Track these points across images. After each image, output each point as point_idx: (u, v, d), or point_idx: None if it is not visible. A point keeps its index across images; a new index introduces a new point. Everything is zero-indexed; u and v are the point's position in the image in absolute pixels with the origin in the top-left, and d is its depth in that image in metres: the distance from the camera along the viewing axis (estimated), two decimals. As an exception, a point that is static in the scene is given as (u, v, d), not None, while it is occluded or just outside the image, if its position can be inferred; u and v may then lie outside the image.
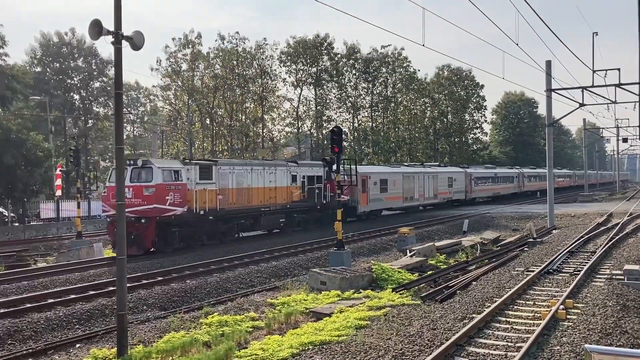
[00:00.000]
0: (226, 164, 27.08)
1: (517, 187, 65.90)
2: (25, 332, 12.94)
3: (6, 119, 38.35)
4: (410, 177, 41.88)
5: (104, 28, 10.66)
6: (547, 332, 11.17)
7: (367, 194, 36.30)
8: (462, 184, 51.18)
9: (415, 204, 43.27)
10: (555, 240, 26.51)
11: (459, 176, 51.07)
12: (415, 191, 42.52)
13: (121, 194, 11.22)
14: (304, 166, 32.42)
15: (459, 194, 50.86)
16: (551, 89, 33.34)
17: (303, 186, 31.37)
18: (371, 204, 36.98)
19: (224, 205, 25.88)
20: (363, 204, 36.13)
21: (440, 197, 46.75)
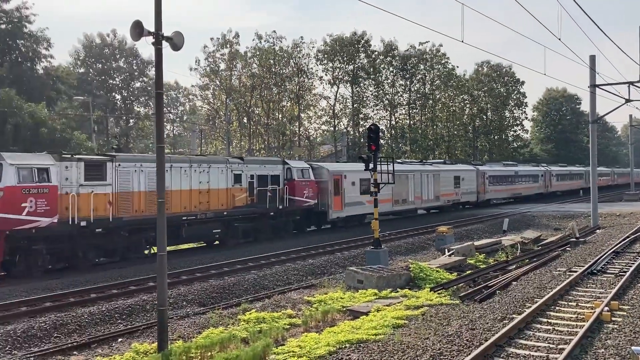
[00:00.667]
0: (129, 160, 21.38)
1: (543, 187, 59.39)
2: (70, 325, 13.31)
3: (51, 119, 39.52)
4: (403, 177, 35.71)
5: (145, 29, 10.85)
6: (591, 334, 10.88)
7: (341, 197, 30.70)
8: (472, 183, 45.04)
9: (409, 207, 37.43)
10: (599, 240, 25.80)
11: (468, 175, 44.86)
12: (410, 193, 36.89)
13: (162, 192, 11.42)
14: (252, 163, 26.91)
15: (469, 195, 44.70)
16: (595, 84, 32.45)
17: (251, 188, 25.95)
18: (348, 209, 31.27)
19: (123, 213, 20.40)
20: (336, 208, 30.44)
21: (444, 200, 40.83)
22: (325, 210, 30.01)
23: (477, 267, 21.09)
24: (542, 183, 59.24)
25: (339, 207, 30.71)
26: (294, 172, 28.23)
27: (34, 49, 46.82)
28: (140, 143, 70.12)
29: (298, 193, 28.26)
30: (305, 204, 28.75)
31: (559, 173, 64.33)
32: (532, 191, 56.76)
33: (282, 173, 27.93)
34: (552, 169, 62.87)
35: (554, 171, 62.81)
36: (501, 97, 78.04)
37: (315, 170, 30.09)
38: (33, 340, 12.42)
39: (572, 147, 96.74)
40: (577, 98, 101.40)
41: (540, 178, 59.07)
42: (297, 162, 31.05)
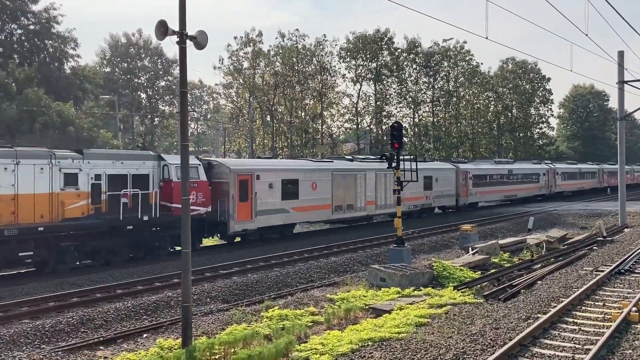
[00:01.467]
0: None
1: (546, 187, 52.62)
2: (96, 321, 13.54)
3: (78, 118, 40.20)
4: (350, 177, 29.54)
5: (169, 28, 10.96)
6: (618, 334, 10.71)
7: (251, 203, 24.09)
8: (450, 185, 38.23)
9: (357, 214, 30.43)
10: (627, 239, 25.34)
11: (444, 174, 37.80)
12: (360, 196, 30.09)
13: (186, 191, 11.55)
14: (99, 159, 20.00)
15: (446, 198, 38.12)
16: (624, 80, 31.94)
17: (96, 192, 19.50)
18: (262, 219, 24.72)
19: None
20: (242, 218, 23.73)
21: (408, 205, 33.53)
22: (225, 220, 23.31)
23: (501, 265, 20.90)
24: (544, 183, 52.36)
25: (247, 216, 23.92)
26: (173, 170, 21.35)
27: (61, 49, 47.68)
28: (165, 141, 70.94)
29: (178, 198, 19.95)
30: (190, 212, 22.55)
31: (566, 171, 57.72)
32: (531, 192, 50.19)
33: (153, 172, 21.28)
34: (557, 166, 56.65)
35: (560, 169, 56.27)
36: (526, 94, 76.99)
37: (212, 168, 24.01)
38: (61, 335, 12.67)
39: (600, 144, 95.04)
40: (605, 95, 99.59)
41: (542, 177, 52.20)
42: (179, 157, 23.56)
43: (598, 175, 65.22)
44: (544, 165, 53.81)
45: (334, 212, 28.71)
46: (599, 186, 64.94)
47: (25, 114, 36.34)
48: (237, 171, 23.95)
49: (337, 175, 28.94)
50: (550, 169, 54.06)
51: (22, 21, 46.12)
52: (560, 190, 55.73)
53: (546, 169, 53.29)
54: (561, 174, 56.18)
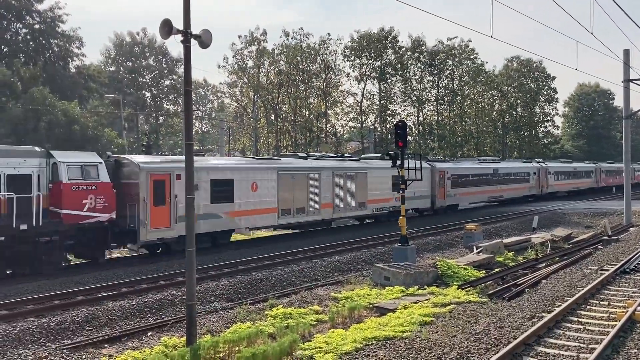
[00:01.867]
0: None
1: (537, 187, 49.85)
2: (101, 319, 13.60)
3: (83, 117, 40.32)
4: (301, 176, 26.43)
5: (174, 27, 10.98)
6: (623, 334, 10.68)
7: (169, 208, 20.87)
8: (424, 185, 33.72)
9: (310, 219, 27.25)
10: (632, 238, 25.25)
11: None
12: (314, 198, 27.03)
13: (191, 189, 11.57)
14: None
15: (419, 200, 34.68)
16: (629, 79, 31.81)
17: None
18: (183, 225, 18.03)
19: None
20: (157, 225, 20.48)
21: (373, 207, 30.73)
22: (135, 228, 20.01)
23: (505, 264, 20.87)
24: (534, 182, 49.52)
25: (164, 222, 20.72)
26: (63, 169, 18.41)
27: (66, 48, 47.84)
28: (170, 140, 71.11)
29: (69, 203, 18.37)
30: (85, 219, 18.80)
31: (559, 170, 54.74)
32: (519, 193, 47.30)
33: (39, 171, 18.14)
34: (550, 165, 53.57)
35: (552, 168, 53.23)
36: (531, 92, 76.78)
37: (121, 167, 20.93)
38: (66, 333, 12.73)
39: (605, 143, 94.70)
40: (610, 93, 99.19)
41: (533, 176, 49.31)
42: (75, 154, 20.20)
43: (595, 175, 62.80)
44: (534, 164, 50.78)
45: (280, 217, 25.36)
46: (596, 186, 62.91)
47: (31, 113, 36.47)
48: (150, 170, 20.49)
49: (285, 174, 25.74)
50: (542, 167, 51.10)
51: (28, 20, 46.29)
52: (553, 191, 53.15)
53: (537, 168, 50.32)
54: (554, 173, 53.26)
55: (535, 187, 49.91)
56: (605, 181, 64.62)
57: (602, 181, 64.29)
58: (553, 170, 53.25)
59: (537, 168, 50.50)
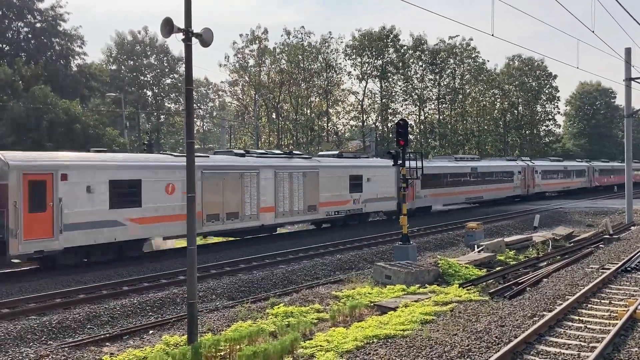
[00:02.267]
0: None
1: (521, 187, 47.72)
2: (102, 317, 13.62)
3: (85, 116, 40.31)
4: (233, 176, 23.25)
5: (175, 26, 10.98)
6: (624, 332, 10.68)
7: (51, 214, 17.63)
8: (389, 186, 32.09)
9: (245, 225, 23.84)
10: (633, 237, 25.23)
11: (381, 173, 31.51)
12: (250, 202, 23.82)
13: (192, 188, 11.57)
14: None
15: (383, 202, 31.92)
16: (631, 77, 31.78)
17: None
18: (71, 235, 18.02)
19: None
20: (33, 235, 17.11)
21: (326, 211, 27.85)
22: (3, 239, 16.72)
23: (506, 263, 20.87)
24: (519, 182, 47.51)
25: (44, 232, 17.38)
26: None
27: (67, 47, 47.84)
28: (171, 139, 71.13)
29: None
30: None
31: (548, 169, 52.84)
32: (502, 193, 45.18)
33: None
34: (537, 163, 51.43)
35: (539, 167, 51.20)
36: (533, 91, 76.73)
37: None
38: (67, 331, 12.74)
39: (606, 142, 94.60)
40: (612, 92, 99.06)
41: (517, 176, 47.29)
42: None
43: (587, 174, 61.15)
44: (519, 162, 48.63)
45: (205, 223, 22.06)
46: (589, 186, 61.16)
47: (32, 112, 36.47)
48: (24, 168, 17.19)
49: (211, 174, 22.23)
50: (528, 166, 48.77)
51: (29, 19, 46.30)
52: (541, 191, 51.11)
53: (522, 167, 48.06)
54: (541, 172, 51.01)
55: (521, 187, 47.70)
56: (598, 180, 63.17)
57: (595, 181, 62.78)
58: (540, 169, 51.09)
59: (523, 167, 48.18)
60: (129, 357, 10.83)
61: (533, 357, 9.52)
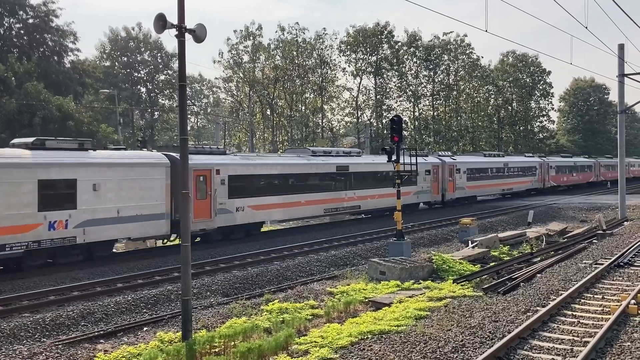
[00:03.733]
0: None
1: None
2: (96, 314, 13.59)
3: (78, 112, 40.15)
4: None
5: (168, 22, 10.94)
6: (617, 327, 10.74)
7: None
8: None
9: None
10: (626, 232, 25.37)
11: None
12: None
13: (185, 185, 11.56)
14: None
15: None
16: (624, 74, 31.87)
17: None
18: None
19: None
20: None
21: None
22: None
23: (500, 259, 20.92)
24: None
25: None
26: None
27: (60, 42, 47.60)
28: (165, 135, 70.90)
29: None
30: None
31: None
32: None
33: None
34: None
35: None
36: (527, 87, 76.88)
37: None
38: (61, 328, 12.71)
39: (600, 138, 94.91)
40: (605, 88, 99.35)
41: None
42: None
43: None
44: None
45: None
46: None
47: (25, 108, 36.31)
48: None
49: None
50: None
51: (21, 15, 46.01)
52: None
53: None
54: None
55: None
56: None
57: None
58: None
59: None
60: (123, 354, 10.81)
61: (527, 352, 9.57)
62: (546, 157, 54.03)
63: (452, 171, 38.73)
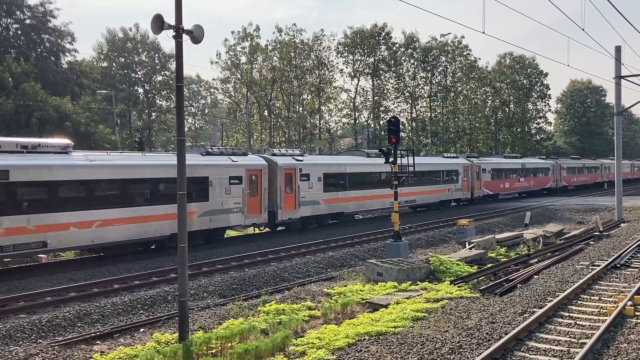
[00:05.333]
0: None
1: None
2: (93, 315, 13.55)
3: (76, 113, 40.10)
4: None
5: (166, 22, 10.93)
6: (614, 328, 10.75)
7: None
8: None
9: None
10: (623, 233, 25.41)
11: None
12: None
13: (182, 185, 11.54)
14: None
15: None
16: (621, 75, 31.90)
17: None
18: None
19: None
20: None
21: None
22: None
23: (498, 260, 20.94)
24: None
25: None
26: None
27: (58, 43, 47.52)
28: (163, 136, 70.83)
29: None
30: None
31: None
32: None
33: None
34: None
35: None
36: (524, 89, 76.96)
37: None
38: (57, 329, 12.67)
39: (597, 139, 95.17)
40: (602, 90, 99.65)
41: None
42: None
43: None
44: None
45: None
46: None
47: (22, 109, 36.25)
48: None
49: None
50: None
51: (18, 15, 45.93)
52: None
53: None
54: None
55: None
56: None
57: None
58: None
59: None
60: (119, 355, 10.79)
61: (523, 353, 9.57)
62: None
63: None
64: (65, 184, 18.19)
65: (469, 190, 41.47)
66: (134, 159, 21.51)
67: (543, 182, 52.30)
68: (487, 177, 43.83)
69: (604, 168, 66.94)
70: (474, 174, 41.92)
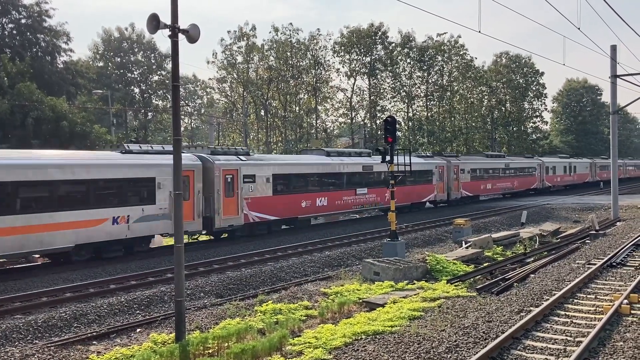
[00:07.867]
0: None
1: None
2: (89, 316, 13.52)
3: (71, 113, 39.97)
4: None
5: (161, 22, 10.90)
6: (610, 327, 10.78)
7: None
8: None
9: None
10: (619, 232, 25.48)
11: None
12: None
13: (178, 185, 11.51)
14: None
15: None
16: (616, 74, 32.00)
17: None
18: None
19: None
20: None
21: None
22: None
23: (494, 259, 20.98)
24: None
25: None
26: None
27: (53, 43, 47.38)
28: (159, 136, 70.71)
29: None
30: None
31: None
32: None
33: None
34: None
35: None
36: (520, 88, 77.12)
37: None
38: (53, 330, 12.64)
39: (593, 138, 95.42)
40: (598, 89, 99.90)
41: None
42: None
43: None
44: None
45: None
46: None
47: (18, 109, 36.12)
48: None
49: None
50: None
51: (14, 15, 45.77)
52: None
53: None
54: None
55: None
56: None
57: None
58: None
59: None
60: (116, 355, 10.76)
61: (520, 352, 9.59)
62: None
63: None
64: None
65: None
66: None
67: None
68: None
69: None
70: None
